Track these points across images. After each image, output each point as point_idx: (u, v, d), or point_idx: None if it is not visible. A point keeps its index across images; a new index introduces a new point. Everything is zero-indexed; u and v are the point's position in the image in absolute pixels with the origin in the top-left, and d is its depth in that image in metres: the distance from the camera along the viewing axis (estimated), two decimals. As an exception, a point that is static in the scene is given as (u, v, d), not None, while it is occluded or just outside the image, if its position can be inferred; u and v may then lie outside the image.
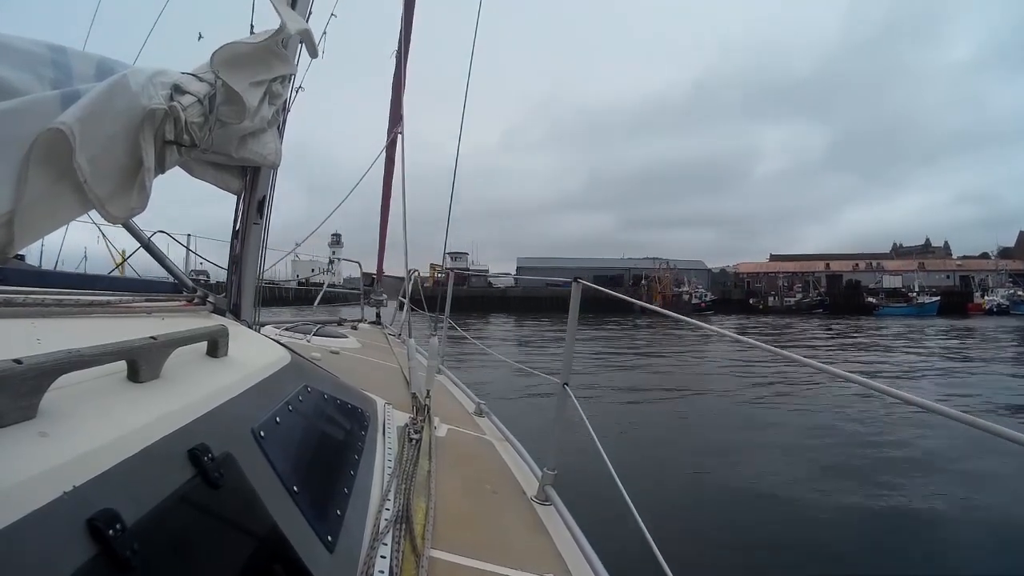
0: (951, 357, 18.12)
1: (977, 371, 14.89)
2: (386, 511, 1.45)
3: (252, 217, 2.35)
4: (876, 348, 21.68)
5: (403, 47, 5.63)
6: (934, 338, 25.88)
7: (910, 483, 5.78)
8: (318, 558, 1.02)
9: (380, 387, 2.92)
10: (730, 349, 17.18)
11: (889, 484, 5.72)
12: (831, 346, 22.91)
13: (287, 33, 1.82)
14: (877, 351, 20.53)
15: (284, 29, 1.80)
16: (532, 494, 2.09)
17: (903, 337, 26.26)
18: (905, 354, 19.07)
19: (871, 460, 6.50)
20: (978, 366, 15.97)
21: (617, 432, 7.40)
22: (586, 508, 2.13)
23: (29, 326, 0.90)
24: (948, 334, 28.09)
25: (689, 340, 21.68)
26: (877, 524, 4.81)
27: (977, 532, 4.67)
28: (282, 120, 2.29)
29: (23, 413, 0.63)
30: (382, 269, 7.94)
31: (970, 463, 6.22)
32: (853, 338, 26.56)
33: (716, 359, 16.33)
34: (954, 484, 5.72)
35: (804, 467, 6.29)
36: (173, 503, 0.72)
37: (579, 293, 2.32)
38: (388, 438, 2.01)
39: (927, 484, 5.75)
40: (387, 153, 6.16)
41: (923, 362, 16.85)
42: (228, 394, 1.07)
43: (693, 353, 17.86)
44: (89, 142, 1.05)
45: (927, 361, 17.08)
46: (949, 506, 5.16)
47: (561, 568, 1.58)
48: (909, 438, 7.38)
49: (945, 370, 15.06)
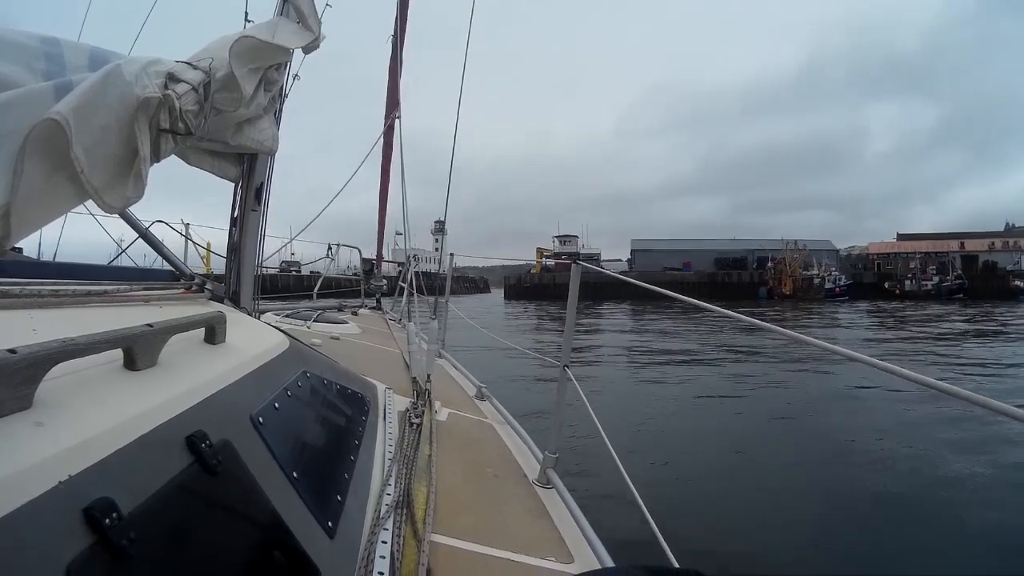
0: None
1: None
2: (387, 496, 1.46)
3: (250, 204, 2.35)
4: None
5: (399, 32, 5.58)
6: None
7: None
8: (318, 544, 1.03)
9: (380, 372, 2.93)
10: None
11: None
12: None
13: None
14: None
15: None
16: (533, 478, 2.10)
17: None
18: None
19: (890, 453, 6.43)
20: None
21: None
22: (588, 491, 2.14)
23: (25, 317, 0.91)
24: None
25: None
26: (884, 515, 4.84)
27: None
28: (279, 107, 2.28)
29: (18, 403, 0.63)
30: (381, 255, 7.93)
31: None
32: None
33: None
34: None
35: (815, 454, 6.30)
36: (170, 491, 0.72)
37: (579, 275, 2.31)
38: (389, 423, 2.02)
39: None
40: (384, 138, 6.13)
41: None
42: (226, 380, 1.07)
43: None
44: (84, 132, 1.04)
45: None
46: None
47: (563, 552, 1.59)
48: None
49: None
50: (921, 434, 6.71)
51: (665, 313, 27.69)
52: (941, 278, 54.06)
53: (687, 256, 62.99)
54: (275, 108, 2.20)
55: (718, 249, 65.20)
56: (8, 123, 0.95)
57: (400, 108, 5.45)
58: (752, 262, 60.94)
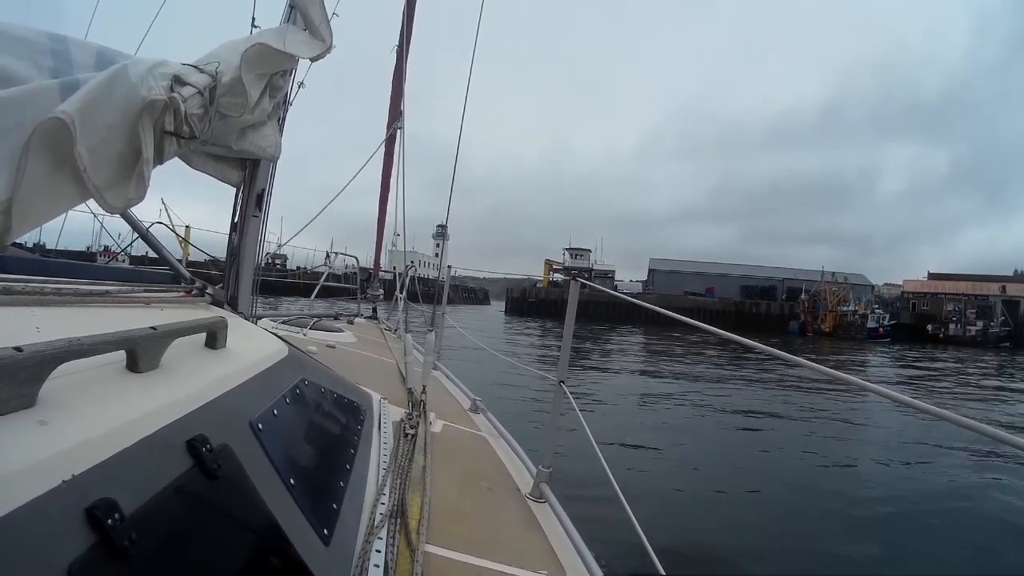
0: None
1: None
2: (381, 505, 1.46)
3: (251, 210, 2.35)
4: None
5: (404, 43, 5.63)
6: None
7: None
8: (314, 551, 1.03)
9: (376, 382, 2.92)
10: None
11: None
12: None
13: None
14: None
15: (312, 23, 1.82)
16: (527, 491, 2.10)
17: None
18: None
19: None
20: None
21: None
22: (580, 506, 2.14)
23: (28, 314, 0.90)
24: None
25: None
26: (880, 528, 4.84)
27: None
28: (282, 114, 2.29)
29: (22, 401, 0.62)
30: (379, 264, 7.93)
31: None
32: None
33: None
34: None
35: (806, 471, 6.31)
36: (171, 494, 0.72)
37: (577, 291, 2.32)
38: (384, 433, 2.01)
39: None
40: (386, 148, 6.15)
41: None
42: (227, 386, 1.07)
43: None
44: (88, 132, 1.04)
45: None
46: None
47: (555, 565, 1.59)
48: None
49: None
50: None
51: (685, 341, 25.73)
52: (985, 323, 49.97)
53: (710, 281, 58.46)
54: (279, 115, 2.21)
55: (745, 275, 60.42)
56: (14, 119, 0.95)
57: (403, 118, 5.48)
58: (782, 292, 56.67)
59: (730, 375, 15.51)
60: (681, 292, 54.16)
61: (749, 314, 51.26)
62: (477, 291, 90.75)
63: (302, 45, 1.96)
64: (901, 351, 33.87)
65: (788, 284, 57.08)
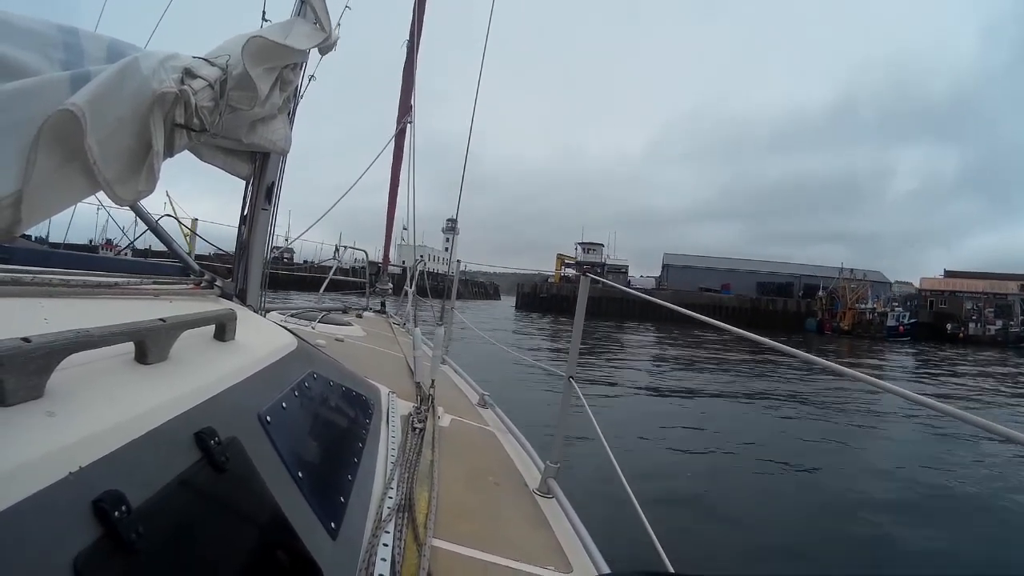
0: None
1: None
2: (389, 500, 1.46)
3: (260, 203, 2.35)
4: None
5: (415, 37, 5.61)
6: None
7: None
8: (321, 545, 1.03)
9: (384, 376, 2.92)
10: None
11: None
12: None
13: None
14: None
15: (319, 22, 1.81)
16: (534, 486, 2.10)
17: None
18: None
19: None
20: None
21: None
22: (588, 501, 2.14)
23: (36, 305, 0.90)
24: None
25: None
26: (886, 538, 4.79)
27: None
28: (293, 107, 2.29)
29: (30, 392, 0.62)
30: (388, 258, 7.94)
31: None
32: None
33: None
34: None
35: (806, 468, 6.27)
36: (178, 486, 0.72)
37: (587, 287, 2.31)
38: (392, 427, 2.01)
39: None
40: (396, 142, 6.15)
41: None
42: (235, 378, 1.07)
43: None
44: (99, 124, 1.04)
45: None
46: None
47: (562, 561, 1.59)
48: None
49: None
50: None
51: (700, 336, 25.28)
52: (1005, 322, 48.94)
53: (726, 277, 57.38)
54: (289, 108, 2.21)
55: (761, 271, 58.71)
56: (24, 111, 0.95)
57: (413, 113, 5.47)
58: (799, 289, 55.19)
59: (755, 373, 15.29)
60: (696, 288, 53.12)
61: (765, 311, 50.35)
62: (487, 286, 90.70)
63: (303, 37, 1.95)
64: (926, 351, 32.83)
65: (805, 281, 55.85)
